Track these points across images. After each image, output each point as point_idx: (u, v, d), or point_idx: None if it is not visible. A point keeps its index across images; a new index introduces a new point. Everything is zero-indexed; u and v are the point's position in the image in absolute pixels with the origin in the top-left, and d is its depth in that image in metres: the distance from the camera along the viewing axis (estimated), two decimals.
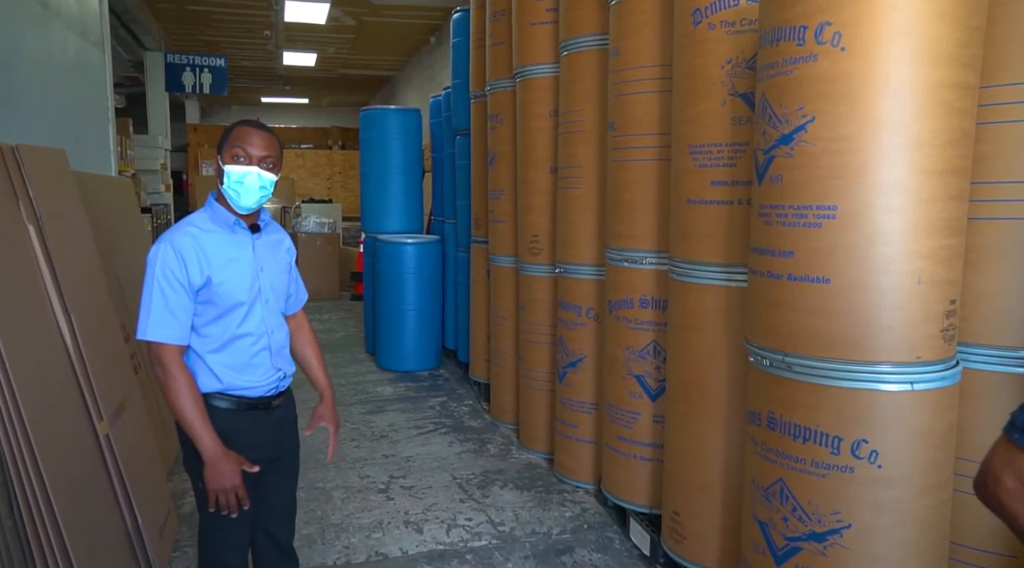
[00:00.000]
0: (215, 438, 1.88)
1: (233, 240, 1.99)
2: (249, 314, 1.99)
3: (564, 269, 3.71)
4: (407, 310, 6.10)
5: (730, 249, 2.51)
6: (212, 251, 1.93)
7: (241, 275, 1.97)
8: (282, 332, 2.11)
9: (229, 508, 1.92)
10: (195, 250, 1.90)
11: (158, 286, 1.87)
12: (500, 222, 4.64)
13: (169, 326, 1.87)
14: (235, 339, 1.97)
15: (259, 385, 2.03)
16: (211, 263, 1.92)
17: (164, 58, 11.27)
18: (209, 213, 1.99)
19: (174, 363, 1.88)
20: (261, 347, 2.02)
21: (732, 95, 2.45)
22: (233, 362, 1.97)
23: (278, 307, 2.10)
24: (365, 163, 6.60)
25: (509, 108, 4.45)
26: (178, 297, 1.87)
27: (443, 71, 11.52)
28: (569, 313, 3.68)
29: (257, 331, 2.01)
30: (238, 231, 2.00)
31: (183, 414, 1.87)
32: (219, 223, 1.98)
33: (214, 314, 1.94)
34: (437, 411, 5.10)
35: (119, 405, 2.79)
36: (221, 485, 1.88)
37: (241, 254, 1.99)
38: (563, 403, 3.78)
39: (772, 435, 2.08)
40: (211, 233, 1.96)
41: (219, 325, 1.95)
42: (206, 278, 1.91)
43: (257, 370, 2.02)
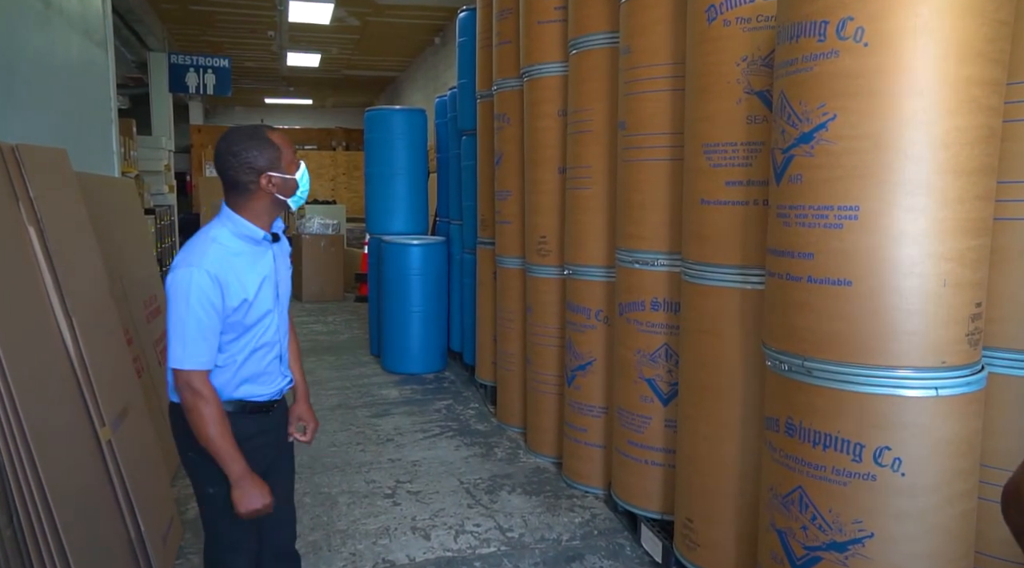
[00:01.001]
0: (244, 462, 1.89)
1: (258, 254, 1.96)
2: (268, 328, 1.99)
3: (573, 271, 3.66)
4: (412, 312, 6.05)
5: (745, 250, 2.45)
6: (245, 271, 1.91)
7: (268, 290, 1.97)
8: (287, 338, 2.14)
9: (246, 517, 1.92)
10: (230, 274, 1.87)
11: (193, 314, 1.82)
12: (507, 223, 4.59)
13: (203, 353, 1.86)
14: (255, 351, 1.97)
15: (268, 392, 2.05)
16: (246, 285, 1.91)
17: (168, 59, 11.25)
18: (231, 227, 1.93)
19: (206, 387, 1.87)
20: (274, 355, 2.04)
21: (748, 93, 2.40)
22: (249, 373, 1.97)
23: (286, 307, 2.11)
24: (370, 164, 6.55)
25: (516, 108, 4.40)
26: (211, 323, 1.85)
27: (447, 71, 11.48)
28: (578, 315, 3.63)
29: (272, 340, 2.02)
30: (262, 243, 1.97)
31: (213, 439, 1.85)
32: (243, 238, 1.94)
33: (240, 330, 1.92)
34: (443, 414, 5.05)
35: (122, 410, 2.75)
36: (253, 506, 1.90)
37: (267, 269, 1.98)
38: (572, 407, 3.72)
39: (791, 442, 2.03)
40: (239, 253, 1.92)
41: (243, 340, 1.94)
42: (241, 300, 1.89)
43: (269, 377, 2.04)
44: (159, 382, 4.09)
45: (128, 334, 3.71)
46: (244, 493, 1.89)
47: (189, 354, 1.85)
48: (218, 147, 1.91)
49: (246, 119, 20.15)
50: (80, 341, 2.49)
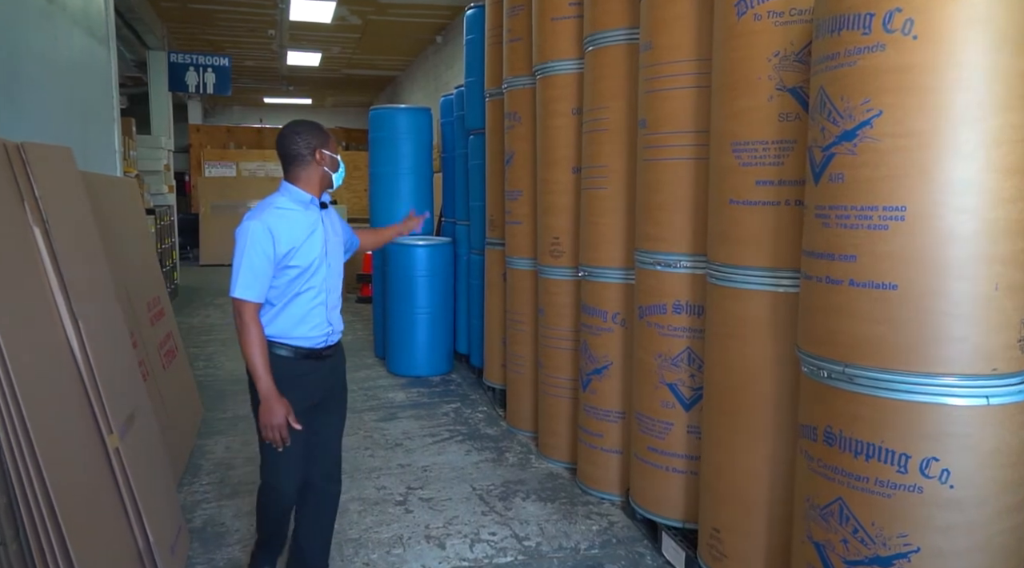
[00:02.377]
0: (272, 382, 2.32)
1: (308, 216, 2.44)
2: (316, 273, 2.43)
3: (588, 272, 3.58)
4: (418, 314, 5.96)
5: (777, 252, 2.37)
6: (295, 225, 2.39)
7: (315, 243, 2.41)
8: (337, 293, 2.54)
9: (274, 442, 2.33)
10: (284, 226, 2.36)
11: (248, 255, 2.31)
12: (518, 224, 4.51)
13: (252, 287, 2.32)
14: (300, 294, 2.40)
15: (313, 336, 2.46)
16: (295, 236, 2.37)
17: (167, 57, 11.15)
18: (288, 195, 2.44)
19: (251, 317, 2.34)
20: (319, 302, 2.46)
21: (779, 90, 2.32)
22: (294, 314, 2.41)
23: (338, 269, 2.55)
24: (374, 164, 6.46)
25: (528, 106, 4.32)
26: (262, 265, 2.32)
27: (449, 71, 11.40)
28: (594, 318, 3.55)
29: (318, 287, 2.44)
30: (311, 208, 2.46)
31: (252, 358, 2.32)
32: (297, 202, 2.44)
33: (294, 274, 2.38)
34: (451, 418, 4.97)
35: (129, 416, 2.66)
36: (270, 421, 2.31)
37: (316, 225, 2.44)
38: (587, 411, 3.64)
39: (830, 451, 1.95)
40: (292, 211, 2.41)
41: (293, 284, 2.39)
42: (290, 248, 2.35)
43: (311, 322, 2.45)
44: (163, 386, 4.00)
45: (133, 337, 3.62)
46: (265, 407, 2.32)
47: (242, 285, 2.31)
48: (284, 130, 2.46)
49: (245, 118, 20.05)
50: (87, 346, 2.41)
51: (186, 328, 8.08)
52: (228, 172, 15.62)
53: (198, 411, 4.86)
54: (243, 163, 15.65)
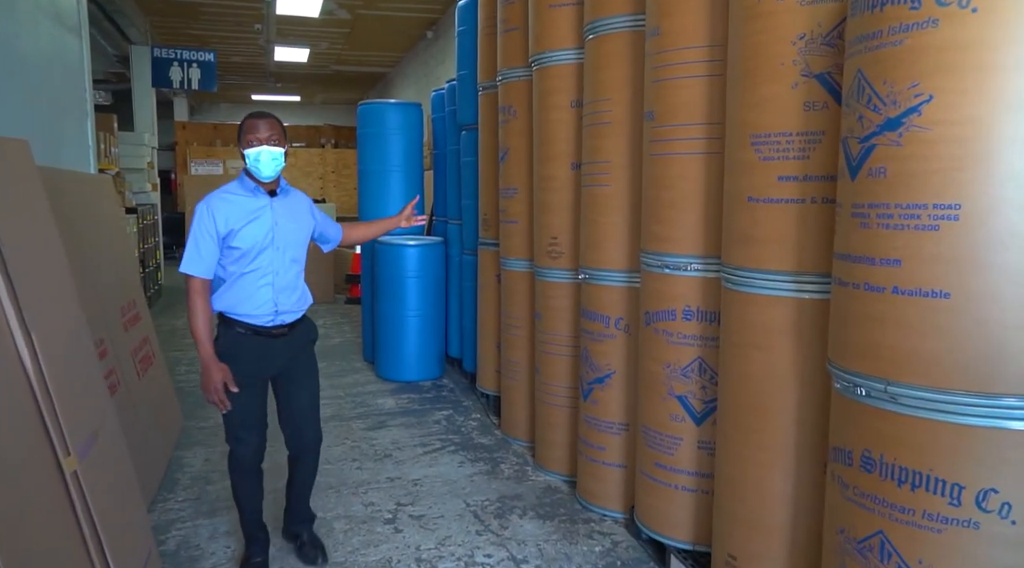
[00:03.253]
0: (211, 350, 2.58)
1: (254, 201, 2.65)
2: (260, 255, 2.61)
3: (589, 275, 3.36)
4: (408, 316, 5.74)
5: (801, 255, 2.16)
6: (236, 209, 2.60)
7: (255, 227, 2.59)
8: (289, 276, 2.69)
9: (215, 405, 2.62)
10: (224, 209, 2.58)
11: (194, 234, 2.57)
12: (513, 223, 4.29)
13: (196, 264, 2.57)
14: (245, 274, 2.60)
15: (258, 314, 2.65)
16: (233, 218, 2.58)
17: (151, 52, 10.87)
18: (238, 183, 2.69)
19: (196, 291, 2.58)
20: (265, 283, 2.63)
21: (805, 76, 2.10)
22: (241, 291, 2.62)
23: (291, 254, 2.70)
24: (363, 161, 6.23)
25: (524, 99, 4.10)
26: (205, 243, 2.56)
27: (441, 66, 11.17)
28: (595, 324, 3.34)
29: (263, 268, 2.62)
30: (258, 195, 2.67)
31: (194, 327, 2.59)
32: (245, 189, 2.67)
33: (236, 255, 2.59)
34: (443, 426, 4.74)
35: (91, 435, 2.42)
36: (207, 385, 2.59)
37: (260, 212, 2.63)
38: (588, 422, 3.43)
39: (869, 478, 1.74)
40: (238, 196, 2.64)
41: (238, 264, 2.60)
42: (229, 229, 2.57)
43: (256, 301, 2.64)
44: (138, 396, 3.77)
45: (103, 345, 3.39)
46: (205, 372, 2.59)
47: (187, 261, 2.57)
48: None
49: (232, 115, 19.74)
50: (41, 360, 2.17)
51: (168, 331, 7.84)
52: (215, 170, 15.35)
53: (177, 420, 4.62)
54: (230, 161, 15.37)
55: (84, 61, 4.46)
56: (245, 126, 2.66)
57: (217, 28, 11.62)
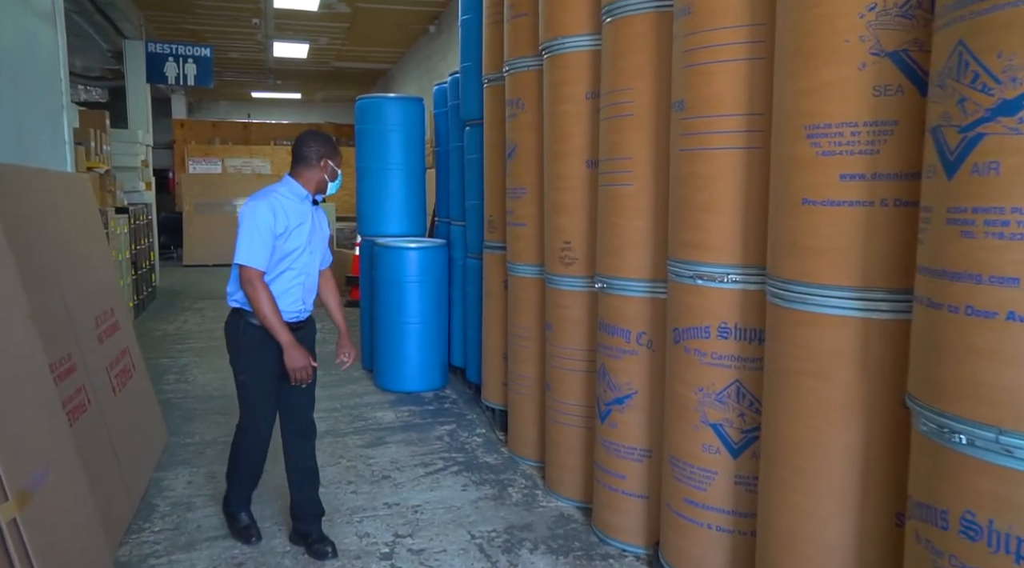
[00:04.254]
0: (290, 333, 2.77)
1: (302, 207, 2.88)
2: (300, 256, 2.84)
3: (607, 284, 3.03)
4: (409, 323, 5.41)
5: (868, 267, 1.83)
6: (290, 212, 2.82)
7: (302, 230, 2.84)
8: (314, 278, 2.98)
9: (300, 382, 2.82)
10: (282, 209, 2.79)
11: (255, 228, 2.72)
12: (521, 225, 3.96)
13: (258, 256, 2.72)
14: (284, 272, 2.81)
15: (288, 311, 2.85)
16: (289, 219, 2.80)
17: (145, 47, 10.56)
18: (287, 188, 2.88)
19: (259, 281, 2.73)
20: (299, 282, 2.87)
21: (875, 55, 1.77)
22: (276, 289, 2.79)
23: (318, 259, 2.99)
24: (362, 158, 5.90)
25: (533, 91, 3.77)
26: (265, 237, 2.73)
27: (443, 62, 10.84)
28: (614, 338, 3.01)
29: (299, 269, 2.86)
30: (306, 202, 2.90)
31: (267, 318, 2.73)
32: (295, 195, 2.88)
33: (283, 253, 2.80)
34: (446, 443, 4.42)
35: (39, 474, 2.10)
36: (295, 364, 2.77)
37: (305, 217, 2.88)
38: (606, 447, 3.10)
39: (973, 548, 1.41)
40: (290, 200, 2.85)
41: (282, 261, 2.80)
42: (284, 227, 2.77)
43: (290, 298, 2.86)
44: (113, 415, 3.44)
45: (69, 361, 3.06)
46: (290, 355, 2.77)
47: (252, 255, 2.71)
48: (304, 134, 2.97)
49: (231, 113, 19.45)
50: None
51: (160, 335, 7.52)
52: (213, 169, 15.05)
53: (161, 436, 4.30)
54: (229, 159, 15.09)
55: (59, 51, 4.14)
56: (336, 148, 3.01)
57: (213, 23, 11.31)
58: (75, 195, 3.87)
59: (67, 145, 4.23)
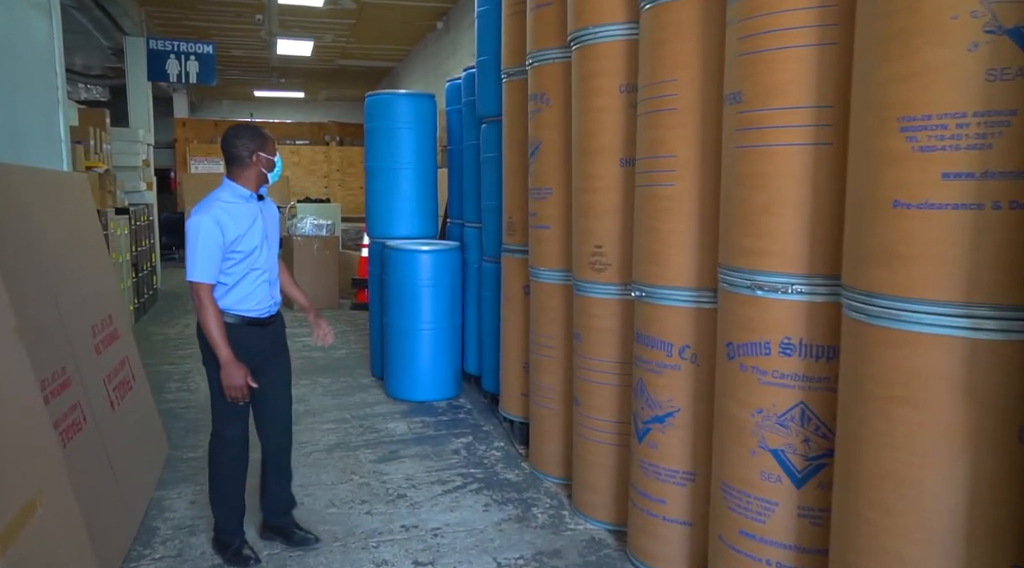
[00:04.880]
0: (229, 350, 2.72)
1: (248, 207, 2.81)
2: (259, 255, 2.81)
3: (646, 292, 2.80)
4: (421, 329, 5.18)
5: (975, 280, 1.59)
6: (239, 217, 2.75)
7: (255, 230, 2.79)
8: (275, 271, 2.96)
9: (236, 400, 2.77)
10: (227, 217, 2.71)
11: (201, 244, 2.67)
12: (545, 228, 3.72)
13: (206, 272, 2.69)
14: (248, 273, 2.78)
15: (259, 308, 2.85)
16: (238, 225, 2.73)
17: (146, 44, 10.32)
18: (229, 192, 2.80)
19: (207, 296, 2.70)
20: (263, 280, 2.85)
21: (990, 33, 1.53)
22: (243, 290, 2.79)
23: (275, 250, 2.94)
24: (371, 157, 5.66)
25: (560, 85, 3.54)
26: (213, 252, 2.68)
27: (452, 59, 10.60)
28: (654, 351, 2.77)
29: (263, 267, 2.84)
30: (251, 201, 2.84)
31: (211, 332, 2.71)
32: (238, 198, 2.80)
33: (239, 258, 2.75)
34: (463, 458, 4.18)
35: (24, 507, 1.87)
36: (231, 383, 2.73)
37: (254, 215, 2.82)
38: (644, 468, 2.86)
39: None
40: (235, 204, 2.78)
41: (241, 265, 2.76)
42: (235, 235, 2.72)
43: (257, 297, 2.84)
44: (110, 432, 3.22)
45: (63, 376, 2.83)
46: (227, 373, 2.73)
47: (199, 271, 2.68)
48: (228, 133, 2.86)
49: (234, 112, 19.23)
50: None
51: (161, 340, 7.29)
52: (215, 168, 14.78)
53: (162, 450, 4.07)
54: None
55: (55, 43, 3.90)
56: (265, 135, 2.88)
57: (216, 19, 11.09)
58: (71, 195, 3.64)
59: (63, 143, 4.00)
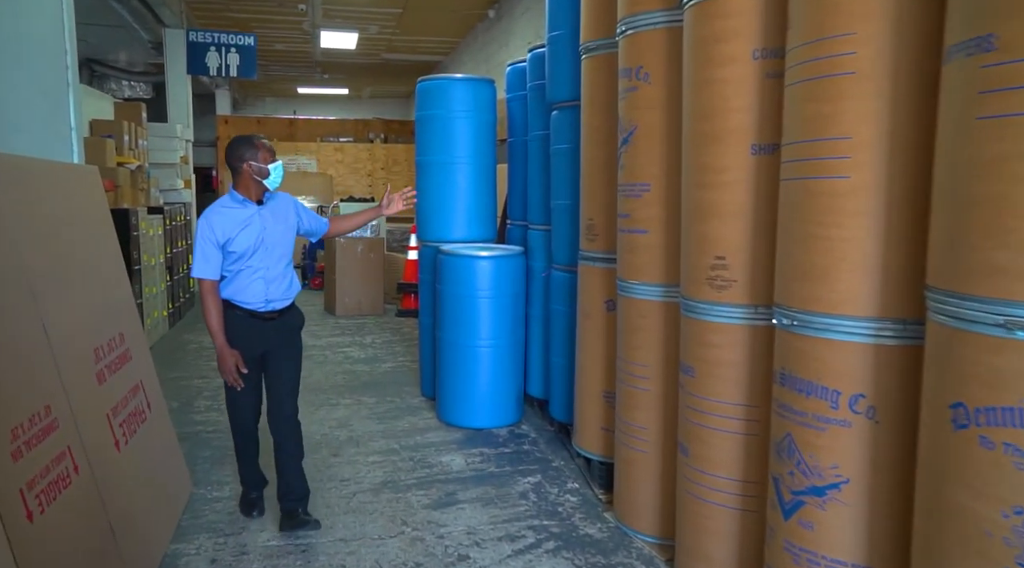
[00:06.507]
0: (225, 341, 3.06)
1: (244, 212, 3.08)
2: (253, 256, 3.07)
3: (798, 321, 2.10)
4: (480, 346, 4.54)
5: None
6: (230, 220, 3.05)
7: (249, 232, 3.06)
8: (278, 269, 3.15)
9: (232, 384, 3.10)
10: (220, 220, 3.04)
11: (199, 243, 3.03)
12: (641, 232, 3.05)
13: (205, 268, 3.03)
14: (241, 271, 3.08)
15: (252, 301, 3.10)
16: (228, 228, 3.03)
17: (186, 36, 9.88)
18: (229, 198, 3.12)
19: (207, 290, 3.05)
20: (257, 276, 3.10)
21: None
22: (238, 284, 3.09)
23: (279, 251, 3.16)
24: (422, 151, 5.03)
25: (663, 56, 2.87)
26: (209, 250, 3.02)
27: (504, 49, 9.96)
28: (811, 400, 2.07)
29: (256, 266, 3.09)
30: (247, 205, 3.10)
31: (209, 321, 3.06)
32: (235, 203, 3.10)
33: (234, 257, 3.06)
34: (532, 503, 3.52)
35: None
36: (223, 367, 3.08)
37: (250, 220, 3.08)
38: (792, 553, 2.16)
39: None
40: (230, 209, 3.08)
41: (236, 263, 3.06)
42: (227, 238, 3.03)
43: (251, 291, 3.09)
44: (114, 478, 2.63)
45: (46, 417, 2.24)
46: (220, 359, 3.08)
47: (197, 267, 3.03)
48: (227, 145, 3.11)
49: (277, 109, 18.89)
50: None
51: (195, 349, 6.78)
52: None
53: (183, 490, 3.49)
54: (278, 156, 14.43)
55: (63, 15, 3.34)
56: (257, 145, 3.05)
57: (258, 10, 10.60)
58: (76, 192, 3.07)
59: (73, 131, 3.44)
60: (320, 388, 5.48)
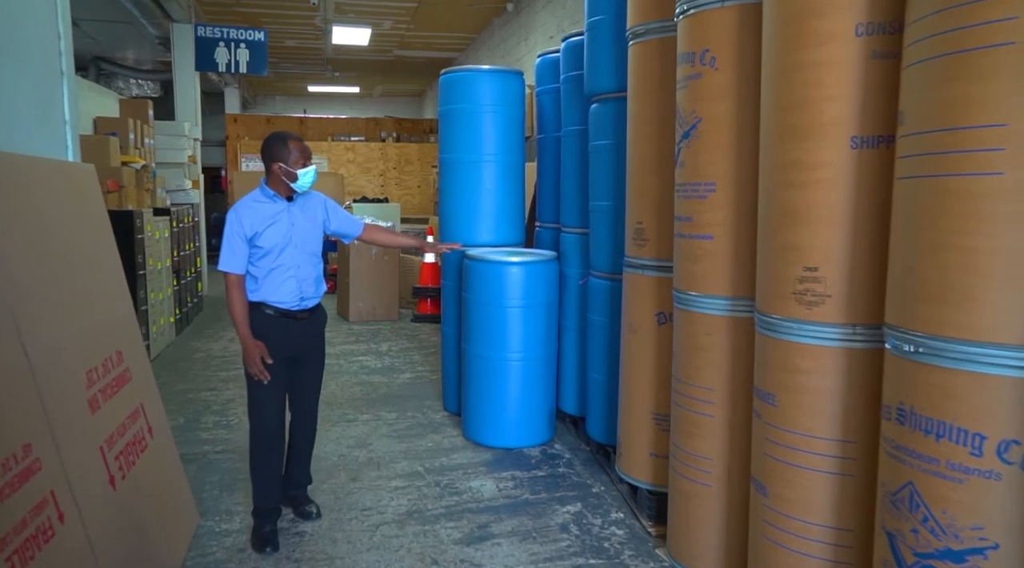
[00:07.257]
0: (248, 331, 3.01)
1: (274, 207, 3.07)
2: (283, 253, 3.04)
3: (923, 347, 1.74)
4: (509, 359, 4.18)
5: None
6: (260, 215, 3.03)
7: (277, 228, 3.04)
8: (309, 267, 3.15)
9: (257, 376, 2.99)
10: (249, 215, 3.01)
11: (227, 236, 3.01)
12: (705, 238, 2.68)
13: (232, 262, 3.01)
14: (273, 269, 3.04)
15: (286, 301, 3.07)
16: (256, 223, 3.01)
17: (194, 31, 9.55)
18: (260, 192, 3.10)
19: (233, 285, 3.02)
20: (290, 275, 3.07)
21: None
22: (270, 284, 3.04)
23: (310, 249, 3.16)
24: (445, 148, 4.68)
25: (733, 37, 2.52)
26: (237, 244, 3.00)
27: (523, 45, 9.61)
28: (942, 445, 1.71)
29: (287, 264, 3.06)
30: (277, 201, 3.08)
31: (233, 313, 3.02)
32: (265, 197, 3.08)
33: (261, 253, 3.02)
34: (575, 538, 3.17)
35: None
36: (249, 359, 2.99)
37: (279, 216, 3.06)
38: None
39: None
40: (260, 203, 3.07)
41: (265, 260, 3.03)
42: (254, 232, 3.00)
43: (285, 290, 3.07)
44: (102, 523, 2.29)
45: (25, 458, 1.90)
46: (245, 350, 3.01)
47: (225, 261, 3.01)
48: (264, 140, 3.11)
49: (287, 108, 18.59)
50: None
51: (202, 358, 6.44)
52: None
53: (189, 522, 3.15)
54: None
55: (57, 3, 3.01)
56: (291, 146, 3.03)
57: (268, 4, 10.27)
58: (70, 193, 2.72)
59: (67, 125, 3.10)
60: (336, 402, 5.14)
